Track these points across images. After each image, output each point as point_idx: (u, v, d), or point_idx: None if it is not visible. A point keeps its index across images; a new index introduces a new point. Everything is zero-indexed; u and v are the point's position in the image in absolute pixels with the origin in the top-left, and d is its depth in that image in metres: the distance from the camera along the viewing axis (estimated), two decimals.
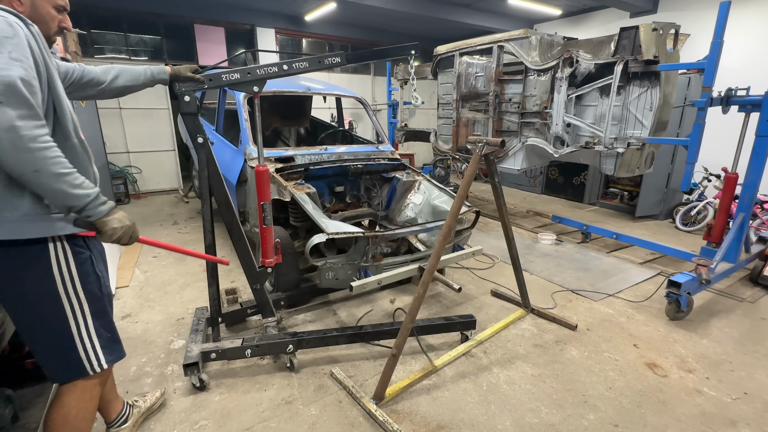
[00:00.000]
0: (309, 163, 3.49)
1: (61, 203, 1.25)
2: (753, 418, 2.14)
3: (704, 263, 3.15)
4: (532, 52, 4.37)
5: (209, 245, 2.31)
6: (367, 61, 2.63)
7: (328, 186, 3.91)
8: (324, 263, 2.76)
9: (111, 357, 1.50)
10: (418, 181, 3.83)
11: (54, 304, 1.34)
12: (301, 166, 3.43)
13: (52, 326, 1.36)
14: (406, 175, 3.85)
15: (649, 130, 3.64)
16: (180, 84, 2.00)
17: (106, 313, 1.48)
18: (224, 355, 2.32)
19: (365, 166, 3.76)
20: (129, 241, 1.41)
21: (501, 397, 2.25)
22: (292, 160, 3.46)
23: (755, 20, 5.91)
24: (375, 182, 4.06)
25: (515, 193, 7.68)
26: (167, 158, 7.29)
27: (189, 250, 1.84)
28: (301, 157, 3.52)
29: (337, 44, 9.59)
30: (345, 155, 3.75)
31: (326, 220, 2.85)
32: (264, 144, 2.72)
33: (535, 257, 4.36)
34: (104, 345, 1.46)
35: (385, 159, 3.90)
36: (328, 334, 2.48)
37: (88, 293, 1.40)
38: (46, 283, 1.32)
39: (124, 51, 7.24)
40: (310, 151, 3.63)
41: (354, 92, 4.42)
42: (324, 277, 2.78)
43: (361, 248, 2.84)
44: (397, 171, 3.95)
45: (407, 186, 3.82)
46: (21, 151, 1.14)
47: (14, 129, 1.12)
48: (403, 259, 3.07)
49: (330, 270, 2.77)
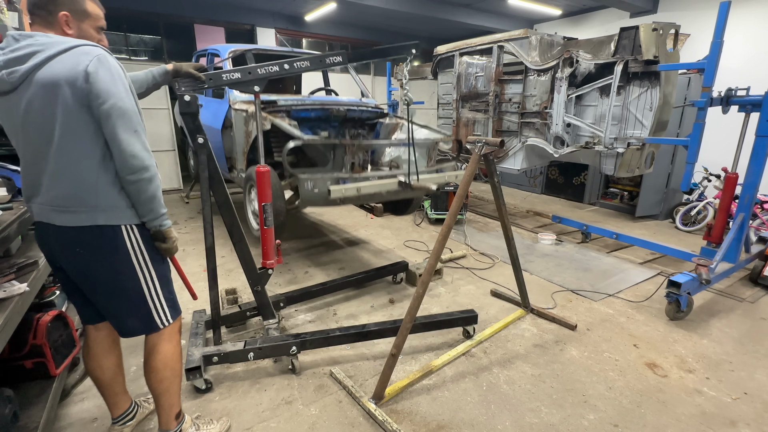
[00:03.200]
0: (292, 104, 3.55)
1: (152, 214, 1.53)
2: (753, 418, 2.14)
3: (704, 263, 3.14)
4: (532, 52, 4.37)
5: (209, 247, 2.29)
6: (368, 60, 2.63)
7: (312, 132, 3.94)
8: (303, 173, 2.78)
9: (175, 313, 1.75)
10: (400, 123, 3.91)
11: (131, 273, 1.56)
12: (283, 107, 3.49)
13: (130, 292, 1.58)
14: (389, 119, 3.93)
15: (649, 130, 3.64)
16: (180, 83, 1.99)
17: (168, 279, 1.72)
18: (227, 359, 2.30)
19: (348, 111, 3.82)
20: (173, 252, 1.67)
21: (501, 397, 2.25)
22: (275, 103, 3.52)
23: (755, 20, 5.91)
24: (359, 131, 4.15)
25: (515, 193, 7.68)
26: (167, 158, 7.28)
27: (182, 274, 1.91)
28: (283, 101, 3.59)
29: (337, 44, 9.59)
30: (328, 103, 3.83)
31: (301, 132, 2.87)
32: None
33: (535, 257, 4.36)
34: (169, 305, 1.71)
35: (368, 108, 3.99)
36: (332, 334, 2.47)
37: (155, 262, 1.62)
38: (124, 258, 1.54)
39: (124, 51, 7.25)
40: (294, 98, 3.73)
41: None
42: (304, 189, 2.76)
43: (340, 159, 2.87)
44: (381, 119, 4.04)
45: (390, 128, 3.91)
46: (147, 166, 1.46)
47: (148, 155, 1.47)
48: (382, 173, 3.06)
49: (309, 180, 2.77)
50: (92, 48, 1.38)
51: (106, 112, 1.36)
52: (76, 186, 1.41)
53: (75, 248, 1.48)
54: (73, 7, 1.44)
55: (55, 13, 1.41)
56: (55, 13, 1.41)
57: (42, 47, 1.32)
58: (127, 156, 1.41)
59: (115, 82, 1.38)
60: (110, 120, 1.37)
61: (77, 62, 1.33)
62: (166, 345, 1.74)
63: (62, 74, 1.31)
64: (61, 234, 1.46)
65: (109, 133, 1.39)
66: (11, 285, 1.67)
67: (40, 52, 1.32)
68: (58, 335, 2.09)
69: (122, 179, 1.46)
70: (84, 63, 1.33)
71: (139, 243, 1.56)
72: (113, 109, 1.36)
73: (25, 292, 1.67)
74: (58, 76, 1.31)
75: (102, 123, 1.38)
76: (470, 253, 4.42)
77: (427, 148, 3.45)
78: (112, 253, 1.51)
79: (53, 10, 1.41)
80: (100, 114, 1.36)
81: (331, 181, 2.83)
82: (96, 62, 1.34)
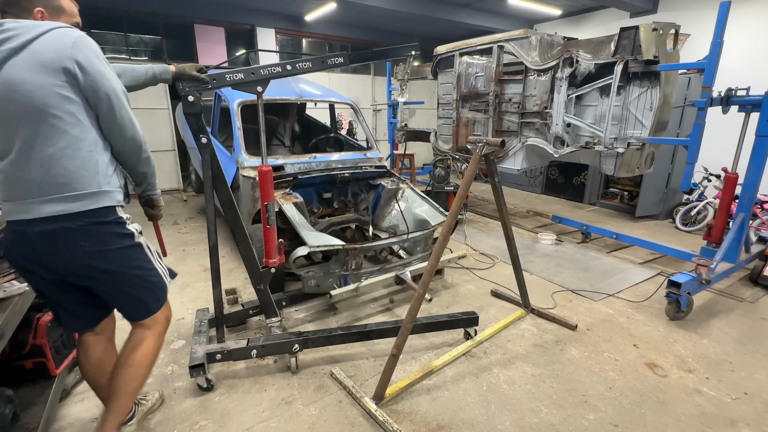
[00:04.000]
0: (298, 172, 3.63)
1: (146, 183, 1.68)
2: (753, 418, 2.14)
3: (704, 263, 3.14)
4: (532, 52, 4.37)
5: (213, 246, 2.29)
6: (369, 61, 2.64)
7: (316, 192, 4.06)
8: (307, 272, 2.99)
9: (172, 275, 1.79)
10: (401, 189, 3.94)
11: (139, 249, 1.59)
12: (290, 175, 3.56)
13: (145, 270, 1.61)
14: (391, 183, 3.95)
15: (649, 130, 3.64)
16: (183, 84, 1.99)
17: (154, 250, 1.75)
18: (230, 356, 2.31)
19: (352, 175, 3.87)
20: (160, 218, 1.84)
21: (501, 397, 2.25)
22: (282, 169, 3.59)
23: (755, 20, 5.91)
24: (362, 188, 4.19)
25: (515, 193, 7.68)
26: (167, 158, 7.29)
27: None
28: (291, 166, 3.66)
29: (337, 44, 9.59)
30: (333, 164, 3.90)
31: (309, 232, 2.99)
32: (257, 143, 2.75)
33: (535, 257, 4.36)
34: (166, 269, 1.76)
35: (372, 167, 4.02)
36: (334, 333, 2.48)
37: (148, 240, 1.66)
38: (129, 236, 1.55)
39: (124, 51, 7.24)
40: (300, 160, 3.79)
41: (346, 98, 4.50)
42: (307, 285, 2.99)
43: (342, 259, 3.04)
44: (383, 178, 4.06)
45: (391, 194, 3.93)
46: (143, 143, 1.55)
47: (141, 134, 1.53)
48: (380, 268, 3.22)
49: (312, 278, 2.98)
50: (70, 30, 1.36)
51: (101, 94, 1.37)
52: (75, 169, 1.37)
53: (78, 242, 1.41)
54: (48, 3, 1.43)
55: (30, 9, 1.40)
56: (30, 9, 1.40)
57: (16, 32, 1.28)
58: (127, 136, 1.46)
59: (102, 63, 1.38)
60: (105, 102, 1.38)
61: (59, 45, 1.30)
62: (155, 340, 1.71)
63: (46, 58, 1.28)
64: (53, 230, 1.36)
65: (104, 115, 1.41)
66: (11, 285, 1.67)
67: (15, 37, 1.27)
68: (59, 335, 2.09)
69: (124, 159, 1.51)
70: (67, 45, 1.31)
71: (130, 219, 1.58)
72: (106, 91, 1.38)
73: (25, 291, 1.67)
74: (42, 60, 1.28)
75: (96, 105, 1.39)
76: (470, 253, 4.42)
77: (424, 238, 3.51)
78: (120, 236, 1.50)
79: (27, 7, 1.39)
80: (96, 97, 1.37)
81: (333, 279, 3.04)
82: (78, 43, 1.33)
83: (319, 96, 4.44)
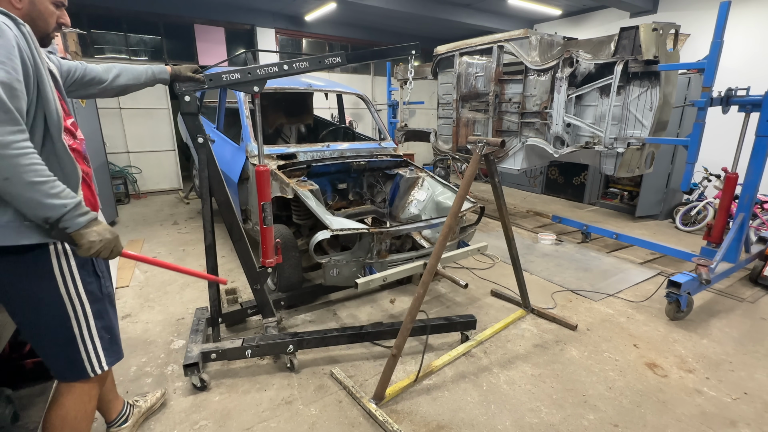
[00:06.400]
0: (311, 160, 3.46)
1: (34, 213, 1.17)
2: (753, 418, 2.14)
3: (704, 263, 3.14)
4: (532, 52, 4.37)
5: (209, 245, 2.30)
6: (368, 61, 2.64)
7: (330, 183, 3.88)
8: (328, 260, 2.72)
9: (111, 359, 1.50)
10: (421, 178, 3.80)
11: (57, 305, 1.34)
12: (303, 163, 3.40)
13: (55, 328, 1.35)
14: (409, 172, 3.82)
15: (649, 130, 3.64)
16: (180, 84, 2.01)
17: (107, 313, 1.48)
18: (224, 356, 2.32)
19: (368, 163, 3.73)
20: (110, 256, 1.33)
21: (501, 397, 2.25)
22: (294, 157, 3.43)
23: (755, 20, 5.90)
24: (378, 179, 4.03)
25: (515, 193, 7.68)
26: (167, 158, 7.29)
27: (186, 269, 1.70)
28: (303, 154, 3.49)
29: (337, 44, 9.59)
30: (347, 152, 3.72)
31: (330, 216, 2.80)
32: (264, 141, 2.70)
33: (535, 257, 4.36)
34: (105, 347, 1.46)
35: (387, 156, 3.88)
36: (329, 335, 2.48)
37: (90, 294, 1.39)
38: (49, 286, 1.31)
39: (124, 51, 7.24)
40: (313, 148, 3.59)
41: (355, 89, 4.43)
42: (328, 275, 2.74)
43: (366, 245, 2.79)
44: (400, 168, 3.93)
45: (410, 182, 3.79)
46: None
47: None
48: (408, 256, 3.00)
49: (334, 267, 2.73)
50: None
51: None
52: None
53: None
54: None
55: None
56: None
57: None
58: None
59: None
60: None
61: None
62: (74, 399, 1.45)
63: None
64: None
65: None
66: None
67: None
68: None
69: None
70: None
71: (71, 266, 1.32)
72: None
73: None
74: None
75: None
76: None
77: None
78: (34, 279, 1.27)
79: None
80: None
81: (357, 267, 2.79)
82: None
83: (328, 87, 4.33)
